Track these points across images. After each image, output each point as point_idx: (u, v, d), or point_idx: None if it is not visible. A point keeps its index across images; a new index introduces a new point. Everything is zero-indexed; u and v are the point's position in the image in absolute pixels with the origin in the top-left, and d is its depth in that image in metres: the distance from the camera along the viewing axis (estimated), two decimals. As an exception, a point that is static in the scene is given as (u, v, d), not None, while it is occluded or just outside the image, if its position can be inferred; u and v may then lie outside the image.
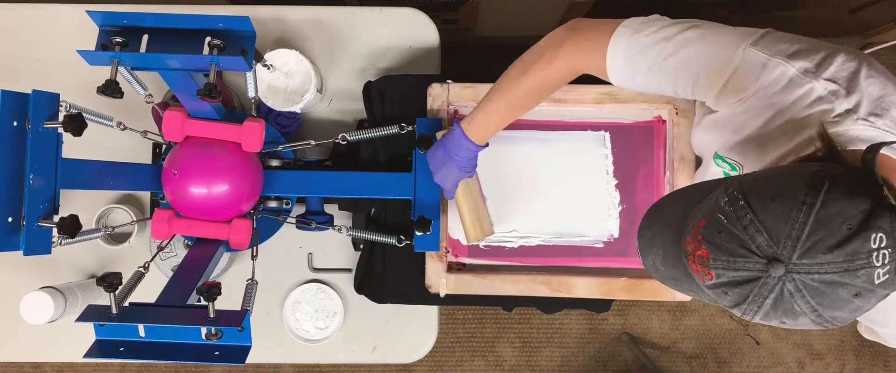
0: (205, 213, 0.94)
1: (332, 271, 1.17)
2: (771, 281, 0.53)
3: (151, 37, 0.77)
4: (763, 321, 0.57)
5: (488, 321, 2.03)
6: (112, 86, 0.76)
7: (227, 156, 0.93)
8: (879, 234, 0.51)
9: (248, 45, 0.80)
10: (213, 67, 0.78)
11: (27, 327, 0.99)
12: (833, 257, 0.51)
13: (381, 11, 1.17)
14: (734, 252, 0.55)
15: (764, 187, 0.56)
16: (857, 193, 0.53)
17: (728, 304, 0.57)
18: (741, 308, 0.56)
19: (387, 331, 1.17)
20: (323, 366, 2.01)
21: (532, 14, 1.62)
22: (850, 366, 2.05)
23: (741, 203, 0.55)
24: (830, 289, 0.52)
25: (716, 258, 0.55)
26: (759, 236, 0.54)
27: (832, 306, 0.53)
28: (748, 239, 0.54)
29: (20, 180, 0.74)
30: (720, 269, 0.55)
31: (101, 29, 0.77)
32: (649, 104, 1.02)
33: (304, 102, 1.06)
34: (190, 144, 0.93)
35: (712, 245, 0.56)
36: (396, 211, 1.07)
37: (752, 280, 0.54)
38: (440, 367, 2.03)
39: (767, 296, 0.54)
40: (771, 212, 0.54)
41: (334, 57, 1.17)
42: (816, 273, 0.52)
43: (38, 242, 0.76)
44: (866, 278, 0.52)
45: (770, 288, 0.54)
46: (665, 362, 2.02)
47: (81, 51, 0.74)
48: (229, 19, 0.77)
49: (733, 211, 0.55)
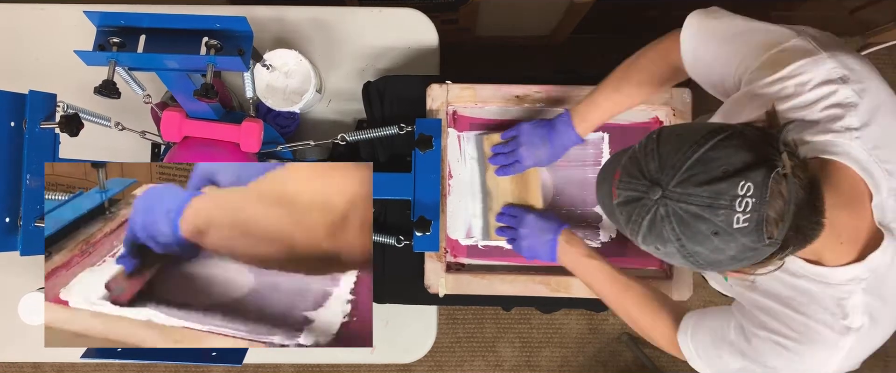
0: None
1: (332, 272, 1.17)
2: (649, 202, 0.60)
3: (149, 37, 0.77)
4: (645, 246, 0.63)
5: (488, 321, 2.03)
6: (109, 86, 0.76)
7: (225, 156, 0.93)
8: (748, 183, 0.56)
9: (246, 45, 0.80)
10: (211, 68, 0.78)
11: (27, 328, 0.99)
12: (701, 191, 0.57)
13: (380, 11, 1.17)
14: (631, 173, 0.62)
15: (678, 128, 0.63)
16: (749, 149, 0.57)
17: (622, 223, 0.64)
18: (628, 228, 0.63)
19: (387, 331, 1.17)
20: (323, 366, 2.01)
21: (532, 14, 1.62)
22: (851, 366, 2.04)
23: (654, 136, 0.62)
24: (693, 221, 0.57)
25: (621, 179, 0.63)
26: (652, 163, 0.60)
27: (693, 239, 0.58)
28: (644, 164, 0.61)
29: (18, 181, 0.74)
30: (621, 188, 0.62)
31: (99, 29, 0.77)
32: (647, 106, 1.02)
33: (303, 102, 1.06)
34: (188, 145, 0.93)
35: (622, 168, 0.63)
36: (396, 211, 1.07)
37: (636, 200, 0.61)
38: (440, 367, 2.03)
39: (645, 216, 0.60)
40: (669, 145, 0.60)
41: (334, 57, 1.17)
42: (684, 203, 0.57)
43: (35, 242, 0.76)
44: (725, 219, 0.56)
45: (647, 209, 0.60)
46: (665, 362, 2.02)
47: (79, 51, 0.74)
48: (226, 19, 0.77)
49: (646, 142, 0.63)
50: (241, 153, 0.94)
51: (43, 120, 0.75)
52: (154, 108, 0.98)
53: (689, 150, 0.58)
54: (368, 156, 1.08)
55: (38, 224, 0.76)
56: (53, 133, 0.76)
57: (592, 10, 1.47)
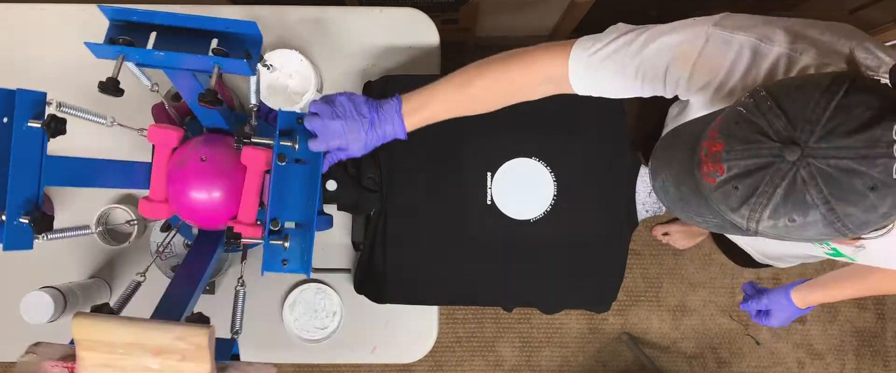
0: (202, 216, 0.93)
1: (332, 271, 1.17)
2: (784, 166, 0.51)
3: (159, 35, 0.77)
4: (770, 222, 0.53)
5: (488, 321, 2.03)
6: (113, 83, 0.76)
7: (225, 151, 0.92)
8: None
9: (254, 49, 0.80)
10: (217, 69, 0.78)
11: (27, 327, 0.99)
12: (852, 142, 0.49)
13: (381, 11, 1.17)
14: (749, 139, 0.52)
15: (788, 83, 0.55)
16: (881, 92, 0.51)
17: (736, 202, 0.54)
18: (750, 204, 0.53)
19: (387, 331, 1.17)
20: (323, 366, 2.01)
21: (532, 14, 1.62)
22: (850, 366, 2.04)
23: (762, 93, 0.54)
24: (846, 177, 0.49)
25: (730, 149, 0.53)
26: (778, 121, 0.52)
27: (846, 199, 0.50)
28: (765, 124, 0.52)
29: (4, 177, 0.74)
30: (733, 159, 0.53)
31: (112, 23, 0.77)
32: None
33: (303, 102, 1.06)
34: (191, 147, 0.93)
35: (728, 136, 0.54)
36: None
37: (764, 167, 0.52)
38: (440, 367, 2.03)
39: (779, 184, 0.51)
40: (792, 99, 0.52)
41: (334, 57, 1.17)
42: (833, 158, 0.49)
43: (18, 238, 0.76)
44: (884, 169, 0.49)
45: (783, 175, 0.51)
46: (665, 362, 2.02)
47: (89, 43, 0.74)
48: (237, 23, 0.77)
49: (754, 102, 0.54)
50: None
51: (31, 118, 0.75)
52: (155, 108, 0.98)
53: (822, 98, 0.51)
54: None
55: (23, 220, 0.76)
56: (41, 131, 0.76)
57: (592, 10, 1.47)
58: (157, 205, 0.89)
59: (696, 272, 2.02)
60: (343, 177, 1.06)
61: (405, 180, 1.06)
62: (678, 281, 2.03)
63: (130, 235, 1.12)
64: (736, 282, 2.02)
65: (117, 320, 0.63)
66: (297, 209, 0.87)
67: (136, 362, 0.62)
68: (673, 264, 2.02)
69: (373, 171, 1.06)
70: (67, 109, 0.80)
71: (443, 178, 1.06)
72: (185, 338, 0.62)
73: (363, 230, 1.10)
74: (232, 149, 0.90)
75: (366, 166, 1.08)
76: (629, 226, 1.09)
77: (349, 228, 1.15)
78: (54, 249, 1.14)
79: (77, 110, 0.81)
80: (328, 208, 1.10)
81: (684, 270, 2.02)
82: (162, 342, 0.62)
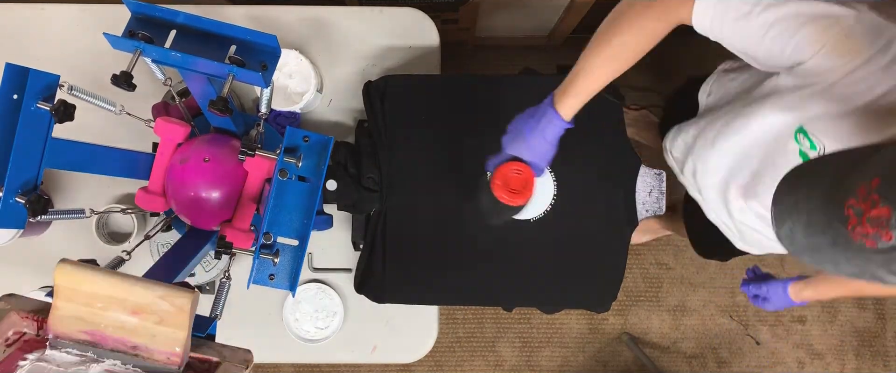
0: (197, 215, 0.93)
1: (332, 271, 1.17)
2: None
3: (178, 34, 0.77)
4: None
5: (488, 321, 2.03)
6: (126, 77, 0.76)
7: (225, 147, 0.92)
8: None
9: (271, 61, 0.80)
10: (231, 77, 0.78)
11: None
12: None
13: (381, 11, 1.17)
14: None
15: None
16: None
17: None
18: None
19: (387, 331, 1.17)
20: (323, 366, 2.01)
21: (532, 14, 1.62)
22: (850, 366, 2.05)
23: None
24: None
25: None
26: None
27: None
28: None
29: (6, 155, 0.74)
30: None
31: (133, 16, 0.77)
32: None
33: (304, 102, 1.06)
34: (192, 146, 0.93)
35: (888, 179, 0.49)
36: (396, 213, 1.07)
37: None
38: (440, 367, 2.03)
39: None
40: None
41: (334, 57, 1.17)
42: None
43: (12, 215, 0.76)
44: None
45: None
46: (665, 362, 2.02)
47: (108, 34, 0.74)
48: (258, 34, 0.77)
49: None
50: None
51: (41, 100, 0.75)
52: (155, 108, 0.98)
53: None
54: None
55: (19, 200, 0.76)
56: (48, 115, 0.76)
57: (592, 10, 1.47)
58: (155, 197, 0.89)
59: (696, 272, 2.03)
60: (343, 177, 1.06)
61: (405, 180, 1.06)
62: (678, 281, 2.03)
63: (130, 234, 1.12)
64: (736, 282, 2.02)
65: (102, 272, 0.61)
66: (292, 226, 0.87)
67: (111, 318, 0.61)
68: (673, 264, 2.02)
69: (373, 171, 1.06)
70: (79, 93, 0.80)
71: (442, 178, 1.06)
72: (168, 298, 0.61)
73: (363, 230, 1.10)
74: (236, 151, 0.90)
75: (366, 166, 1.08)
76: (629, 226, 1.09)
77: (349, 229, 1.15)
78: (54, 250, 1.14)
79: (89, 95, 0.81)
80: (328, 208, 1.09)
81: (684, 270, 2.02)
82: (144, 300, 0.60)
